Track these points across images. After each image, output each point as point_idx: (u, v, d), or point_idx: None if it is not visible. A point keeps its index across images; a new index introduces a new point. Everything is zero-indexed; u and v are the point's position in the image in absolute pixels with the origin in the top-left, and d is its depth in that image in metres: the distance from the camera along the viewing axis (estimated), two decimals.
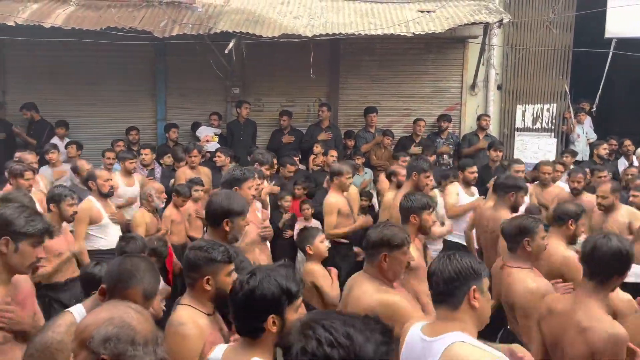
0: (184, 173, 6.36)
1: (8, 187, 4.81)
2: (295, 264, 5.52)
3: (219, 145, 7.54)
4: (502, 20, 7.04)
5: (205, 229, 5.47)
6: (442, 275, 1.96)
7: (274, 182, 6.44)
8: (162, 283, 4.33)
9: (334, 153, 7.01)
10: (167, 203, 5.59)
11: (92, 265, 2.93)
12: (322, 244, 3.79)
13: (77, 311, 2.20)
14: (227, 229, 2.97)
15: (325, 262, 3.99)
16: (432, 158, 6.96)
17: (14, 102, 8.04)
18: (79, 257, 4.34)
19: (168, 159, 7.28)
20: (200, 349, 2.17)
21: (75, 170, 6.12)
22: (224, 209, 2.98)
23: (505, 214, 4.18)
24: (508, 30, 8.19)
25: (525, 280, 3.02)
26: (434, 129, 8.23)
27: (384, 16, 7.25)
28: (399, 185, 4.98)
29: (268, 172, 5.59)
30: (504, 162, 7.11)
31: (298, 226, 5.97)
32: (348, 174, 5.06)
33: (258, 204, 4.56)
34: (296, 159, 6.97)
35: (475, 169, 5.71)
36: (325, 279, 3.71)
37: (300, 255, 5.48)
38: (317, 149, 7.24)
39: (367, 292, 2.62)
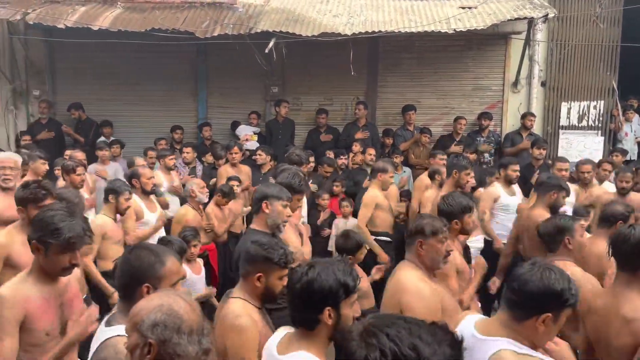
0: (226, 171, 6.46)
1: (61, 183, 5.03)
2: None
3: (257, 144, 7.63)
4: (547, 15, 6.85)
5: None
6: (525, 286, 1.85)
7: (311, 180, 6.47)
8: (203, 284, 4.46)
9: (371, 151, 6.99)
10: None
11: None
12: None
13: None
14: (267, 211, 3.15)
15: (364, 259, 4.03)
16: (473, 157, 6.84)
17: (62, 102, 8.34)
18: None
19: (209, 157, 7.42)
20: (258, 340, 2.20)
21: (130, 165, 6.37)
22: (262, 193, 3.21)
23: (544, 214, 4.09)
24: (553, 25, 7.96)
25: (575, 274, 2.95)
26: (474, 127, 8.09)
27: (424, 13, 7.18)
28: (441, 185, 4.93)
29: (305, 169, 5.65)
30: (547, 160, 6.92)
31: (337, 223, 6.00)
32: (392, 172, 5.11)
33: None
34: (342, 159, 7.03)
35: (517, 167, 5.58)
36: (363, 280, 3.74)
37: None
38: (356, 147, 7.22)
39: (405, 277, 2.68)
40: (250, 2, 7.41)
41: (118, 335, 1.84)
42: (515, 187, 5.60)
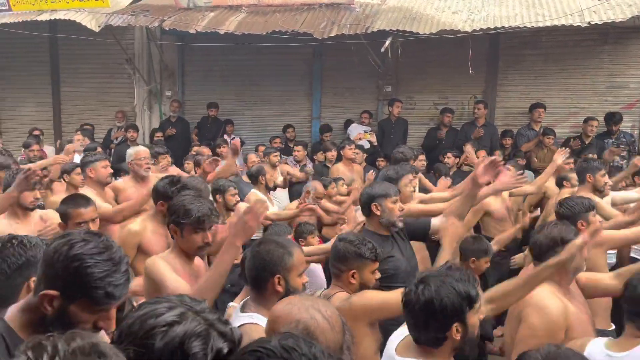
0: (338, 170, 6.53)
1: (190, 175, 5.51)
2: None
3: (369, 144, 7.63)
4: None
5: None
6: None
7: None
8: (321, 271, 4.53)
9: (482, 153, 6.62)
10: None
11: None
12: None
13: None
14: (378, 212, 3.09)
15: None
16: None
17: (191, 102, 9.01)
18: None
19: (320, 156, 7.56)
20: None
21: (246, 162, 6.73)
22: (368, 196, 3.16)
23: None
24: None
25: None
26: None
27: (552, 6, 6.68)
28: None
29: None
30: None
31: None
32: None
33: None
34: (449, 158, 6.79)
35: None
36: None
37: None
38: (468, 147, 6.91)
39: (540, 292, 2.40)
40: (367, 1, 7.42)
41: (252, 323, 1.92)
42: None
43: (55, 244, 1.44)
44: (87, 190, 4.19)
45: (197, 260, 2.69)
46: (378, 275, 2.52)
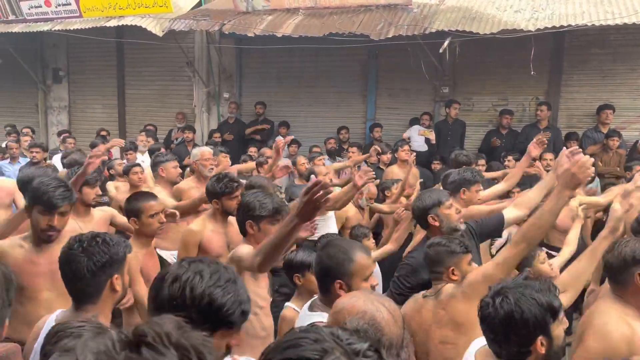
0: (392, 171, 6.48)
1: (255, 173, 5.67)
2: None
3: (427, 146, 7.53)
4: None
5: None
6: None
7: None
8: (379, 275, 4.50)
9: (549, 156, 6.38)
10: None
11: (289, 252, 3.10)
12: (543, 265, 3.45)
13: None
14: (436, 223, 3.00)
15: None
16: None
17: (247, 103, 9.19)
18: None
19: (373, 158, 7.50)
20: None
21: (294, 164, 6.77)
22: (420, 209, 3.06)
23: None
24: None
25: None
26: None
27: (622, 3, 6.36)
28: None
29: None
30: None
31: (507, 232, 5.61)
32: None
33: None
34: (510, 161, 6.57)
35: None
36: None
37: None
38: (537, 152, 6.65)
39: (602, 309, 2.26)
40: (425, 2, 7.33)
41: (320, 322, 1.94)
42: None
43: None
44: (158, 190, 4.36)
45: None
46: (475, 265, 2.59)
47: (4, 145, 8.32)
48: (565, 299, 2.03)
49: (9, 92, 10.75)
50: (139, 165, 5.21)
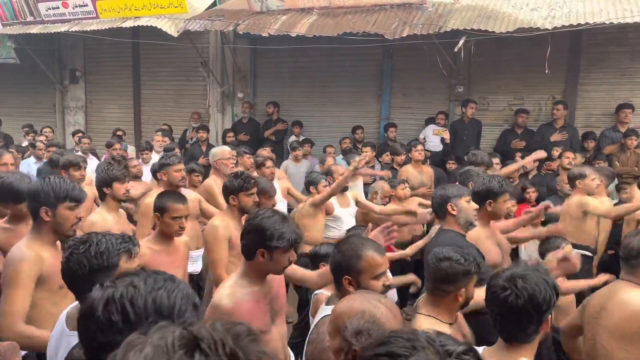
0: (406, 171, 6.45)
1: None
2: None
3: (442, 145, 7.49)
4: None
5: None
6: None
7: None
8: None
9: (569, 154, 6.31)
10: None
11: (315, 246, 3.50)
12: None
13: None
14: (454, 212, 3.13)
15: None
16: None
17: (261, 103, 9.21)
18: None
19: (386, 157, 7.48)
20: None
21: (322, 163, 6.80)
22: (442, 198, 3.19)
23: None
24: None
25: None
26: None
27: None
28: None
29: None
30: None
31: (522, 233, 5.55)
32: (592, 174, 4.61)
33: None
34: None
35: None
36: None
37: None
38: (556, 152, 6.59)
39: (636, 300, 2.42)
40: (440, 0, 7.29)
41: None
42: None
43: None
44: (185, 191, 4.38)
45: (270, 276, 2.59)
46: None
47: (24, 144, 8.47)
48: None
49: (27, 93, 10.92)
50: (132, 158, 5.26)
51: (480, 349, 1.97)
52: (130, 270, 1.37)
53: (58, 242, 2.64)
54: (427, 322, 2.27)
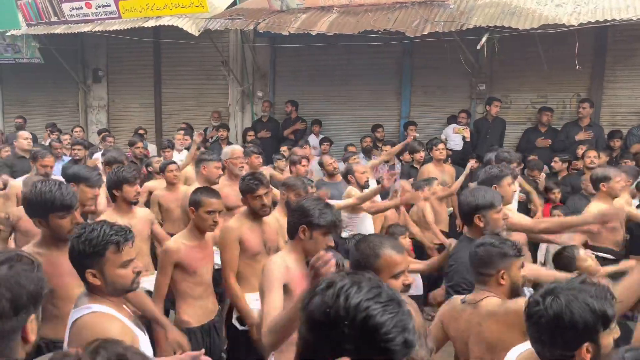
0: (427, 170, 6.40)
1: (287, 174, 5.67)
2: None
3: (462, 143, 7.41)
4: None
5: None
6: None
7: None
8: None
9: (592, 153, 6.17)
10: None
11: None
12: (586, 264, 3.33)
13: None
14: (481, 224, 2.97)
15: None
16: None
17: (281, 102, 9.22)
18: None
19: (407, 156, 7.42)
20: None
21: (321, 165, 6.76)
22: (470, 205, 3.02)
23: None
24: None
25: None
26: None
27: None
28: None
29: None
30: None
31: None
32: (617, 176, 4.45)
33: None
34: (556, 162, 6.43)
35: None
36: None
37: None
38: (581, 150, 6.46)
39: None
40: None
41: None
42: None
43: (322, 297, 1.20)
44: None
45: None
46: (525, 271, 2.51)
47: (47, 143, 8.60)
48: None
49: (51, 92, 11.12)
50: (174, 162, 5.32)
51: (518, 350, 1.91)
52: None
53: None
54: (484, 302, 2.36)
